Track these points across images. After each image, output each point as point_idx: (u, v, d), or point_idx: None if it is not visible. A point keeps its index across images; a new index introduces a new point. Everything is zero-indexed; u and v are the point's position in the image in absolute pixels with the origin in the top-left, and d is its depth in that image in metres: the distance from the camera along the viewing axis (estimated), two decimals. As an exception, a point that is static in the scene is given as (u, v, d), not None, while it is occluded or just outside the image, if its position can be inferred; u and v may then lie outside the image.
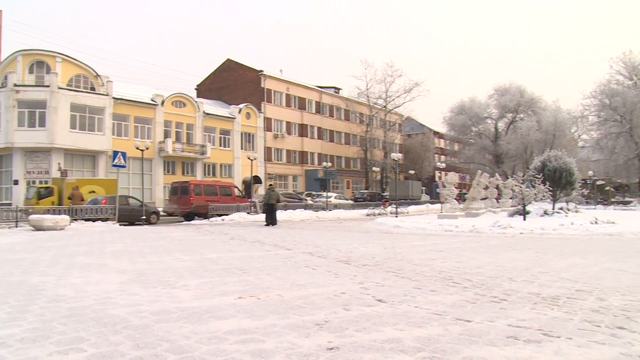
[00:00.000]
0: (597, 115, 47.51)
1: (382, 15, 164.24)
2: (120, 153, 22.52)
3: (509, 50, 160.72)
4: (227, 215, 25.05)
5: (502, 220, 18.12)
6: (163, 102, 38.78)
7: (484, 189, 26.80)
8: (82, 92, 33.64)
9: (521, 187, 20.36)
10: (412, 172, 56.65)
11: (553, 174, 21.89)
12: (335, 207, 34.15)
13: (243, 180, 43.29)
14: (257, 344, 3.78)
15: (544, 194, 20.58)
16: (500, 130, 57.91)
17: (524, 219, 18.83)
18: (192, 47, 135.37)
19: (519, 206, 20.62)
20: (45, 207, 21.32)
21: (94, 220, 21.02)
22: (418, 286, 6.27)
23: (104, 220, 21.37)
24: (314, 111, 55.76)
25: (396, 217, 24.97)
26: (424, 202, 46.00)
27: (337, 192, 48.61)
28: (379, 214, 29.76)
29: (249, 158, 30.89)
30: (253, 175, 36.92)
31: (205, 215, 24.67)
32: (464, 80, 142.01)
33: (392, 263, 8.54)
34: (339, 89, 60.95)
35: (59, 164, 30.99)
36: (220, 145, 44.05)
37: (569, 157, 23.69)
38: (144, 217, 22.91)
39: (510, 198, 26.06)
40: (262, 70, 49.90)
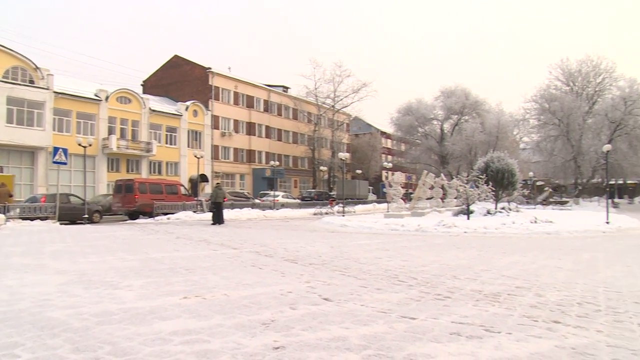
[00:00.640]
0: (537, 118, 49.80)
1: (327, 15, 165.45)
2: (61, 149, 21.81)
3: (455, 55, 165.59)
4: (173, 214, 24.60)
5: (446, 219, 18.56)
6: (107, 98, 37.38)
7: (429, 188, 27.36)
8: (19, 84, 31.89)
9: (465, 187, 20.97)
10: (359, 171, 57.23)
11: (496, 175, 22.63)
12: (283, 206, 34.12)
13: (189, 178, 42.50)
14: (202, 345, 3.71)
15: (487, 194, 21.28)
16: (445, 131, 59.12)
17: (468, 219, 19.37)
18: (139, 42, 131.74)
19: (463, 206, 21.21)
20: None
21: (32, 219, 20.12)
22: (364, 285, 6.31)
23: (43, 219, 20.52)
24: (262, 110, 55.34)
25: (343, 216, 25.15)
26: (371, 202, 46.66)
27: (284, 191, 48.56)
28: (326, 213, 29.83)
29: (195, 156, 30.44)
30: (200, 173, 36.38)
31: (150, 214, 24.16)
32: (411, 82, 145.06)
33: (339, 262, 8.57)
34: (287, 88, 60.75)
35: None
36: (167, 143, 42.97)
37: (511, 158, 24.58)
38: (86, 215, 22.21)
39: (455, 198, 26.71)
40: (210, 68, 49.08)
